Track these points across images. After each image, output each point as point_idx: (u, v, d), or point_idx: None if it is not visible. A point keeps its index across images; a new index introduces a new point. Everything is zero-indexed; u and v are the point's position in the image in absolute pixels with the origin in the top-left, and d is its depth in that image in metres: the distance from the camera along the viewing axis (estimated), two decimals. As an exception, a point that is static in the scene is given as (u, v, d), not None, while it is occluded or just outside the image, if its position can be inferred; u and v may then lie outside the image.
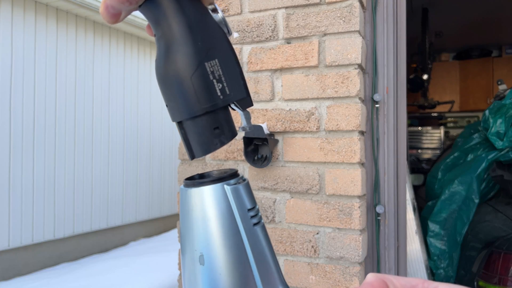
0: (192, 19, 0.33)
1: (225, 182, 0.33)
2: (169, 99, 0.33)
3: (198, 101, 0.32)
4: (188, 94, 0.32)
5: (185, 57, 0.32)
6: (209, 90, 0.32)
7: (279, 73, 1.26)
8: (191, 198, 0.33)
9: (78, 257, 3.55)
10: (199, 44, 0.32)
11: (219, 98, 0.33)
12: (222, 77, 0.33)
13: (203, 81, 0.32)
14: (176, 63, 0.32)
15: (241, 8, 1.31)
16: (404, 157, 1.29)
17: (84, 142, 3.72)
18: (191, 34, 0.32)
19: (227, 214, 0.32)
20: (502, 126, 2.00)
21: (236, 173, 0.35)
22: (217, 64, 0.33)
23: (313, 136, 1.22)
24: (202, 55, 0.32)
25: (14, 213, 3.07)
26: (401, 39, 1.29)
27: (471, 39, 4.74)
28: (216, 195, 0.33)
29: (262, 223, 0.35)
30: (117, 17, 0.32)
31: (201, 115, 0.33)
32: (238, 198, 0.33)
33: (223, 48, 0.34)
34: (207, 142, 0.34)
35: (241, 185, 0.34)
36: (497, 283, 1.71)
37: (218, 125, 0.34)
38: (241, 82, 0.35)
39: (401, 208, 1.29)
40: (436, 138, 3.61)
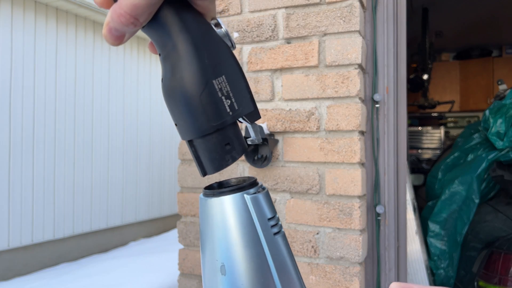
0: (197, 37, 0.32)
1: (245, 191, 0.33)
2: (178, 118, 0.33)
3: (207, 119, 0.32)
4: (197, 113, 0.32)
5: (192, 76, 0.32)
6: (218, 107, 0.32)
7: (279, 73, 1.26)
8: (210, 208, 0.33)
9: (78, 257, 3.55)
10: (205, 62, 0.32)
11: (229, 114, 0.33)
12: (230, 93, 0.33)
13: (212, 99, 0.32)
14: (183, 82, 0.32)
15: (241, 8, 1.31)
16: (404, 157, 1.29)
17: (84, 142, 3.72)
18: (197, 52, 0.32)
19: (247, 224, 0.32)
20: (502, 126, 2.00)
21: (255, 181, 0.35)
22: (225, 81, 0.33)
23: (313, 136, 1.21)
24: (210, 73, 0.32)
25: (14, 213, 3.06)
26: (401, 39, 1.29)
27: (471, 39, 4.73)
28: (236, 205, 0.33)
29: (283, 232, 0.35)
30: (121, 39, 0.32)
31: (211, 133, 0.33)
32: (258, 208, 0.33)
33: (229, 63, 0.34)
34: (219, 159, 0.34)
35: (261, 194, 0.34)
36: (497, 283, 1.71)
37: (228, 141, 0.34)
38: (248, 96, 0.35)
39: (401, 208, 1.29)
40: (436, 138, 3.61)
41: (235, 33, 1.31)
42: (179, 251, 1.40)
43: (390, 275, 1.29)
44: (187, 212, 1.38)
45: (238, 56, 1.30)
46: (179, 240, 1.39)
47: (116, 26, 0.30)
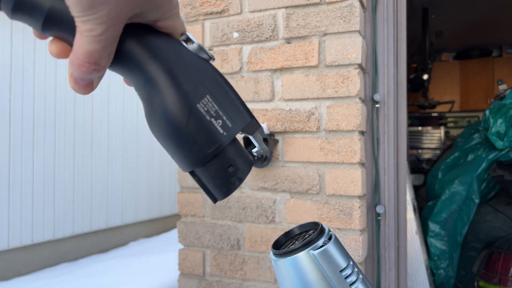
0: (168, 62, 0.30)
1: (311, 246, 0.31)
2: (172, 153, 0.31)
3: (201, 148, 0.30)
4: (189, 144, 0.30)
5: (173, 107, 0.29)
6: (210, 132, 0.30)
7: (279, 73, 1.26)
8: (280, 268, 0.32)
9: (77, 257, 3.55)
10: (184, 87, 0.30)
11: (223, 135, 0.31)
12: (219, 111, 0.31)
13: (200, 125, 0.30)
14: (165, 116, 0.29)
15: (241, 8, 1.30)
16: (405, 157, 1.29)
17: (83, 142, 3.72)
18: (172, 79, 0.30)
19: (320, 281, 0.30)
20: (503, 126, 2.00)
21: (321, 229, 0.32)
22: (210, 100, 0.30)
23: (313, 136, 1.21)
24: (191, 98, 0.30)
25: (14, 213, 3.06)
26: (401, 39, 1.29)
27: (471, 39, 4.73)
28: (303, 264, 0.30)
29: (361, 278, 0.32)
30: (90, 86, 0.30)
31: (209, 160, 0.30)
32: (327, 261, 0.31)
33: (210, 79, 0.31)
34: (225, 184, 0.31)
35: (328, 245, 0.31)
36: (497, 283, 1.71)
37: (230, 163, 0.31)
38: (241, 107, 0.32)
39: (401, 208, 1.29)
40: (436, 138, 3.61)
41: (235, 33, 1.31)
42: (179, 251, 1.40)
43: (390, 275, 1.28)
44: (187, 212, 1.38)
45: (238, 56, 1.30)
46: (179, 240, 1.39)
47: (80, 76, 0.29)
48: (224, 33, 1.33)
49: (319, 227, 0.33)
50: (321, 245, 0.31)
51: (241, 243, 1.30)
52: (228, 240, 1.32)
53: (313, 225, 0.34)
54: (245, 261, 1.29)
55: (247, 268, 1.29)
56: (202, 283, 1.36)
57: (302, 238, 0.34)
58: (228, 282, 1.31)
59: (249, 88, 1.29)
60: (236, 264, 1.31)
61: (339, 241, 0.33)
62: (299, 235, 0.35)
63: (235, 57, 1.31)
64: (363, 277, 0.32)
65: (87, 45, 0.27)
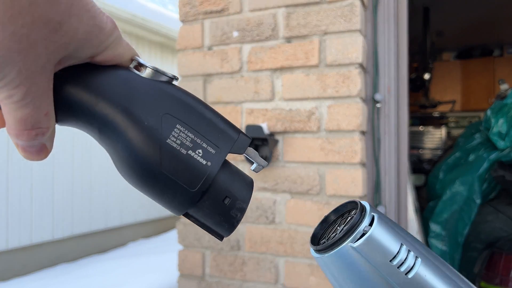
0: (121, 98, 0.26)
1: (349, 239, 0.26)
2: (156, 200, 0.27)
3: (187, 188, 0.26)
4: (172, 187, 0.26)
5: (140, 150, 0.25)
6: (190, 167, 0.26)
7: (279, 73, 1.25)
8: (321, 265, 0.28)
9: (76, 258, 3.54)
10: (146, 124, 0.25)
11: (207, 167, 0.26)
12: (196, 140, 0.26)
13: (177, 163, 0.26)
14: (135, 162, 0.25)
15: (241, 7, 1.29)
16: (405, 157, 1.28)
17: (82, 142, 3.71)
18: (131, 118, 0.25)
19: (370, 275, 0.26)
20: (504, 126, 1.99)
21: (361, 212, 0.27)
22: (182, 129, 0.26)
23: (314, 136, 1.20)
24: (159, 133, 0.25)
25: (13, 213, 3.06)
26: (402, 38, 1.28)
27: (472, 38, 4.72)
28: (345, 260, 0.26)
29: (421, 259, 0.26)
30: (44, 150, 0.26)
31: (199, 198, 0.26)
32: (372, 251, 0.26)
33: (176, 105, 0.27)
34: (226, 219, 0.28)
35: (370, 232, 0.26)
36: (498, 284, 1.70)
37: (225, 194, 0.27)
38: (222, 126, 0.28)
39: (402, 208, 1.28)
40: (437, 138, 3.60)
41: (234, 32, 1.30)
42: (178, 252, 1.39)
43: (391, 277, 1.27)
44: (186, 212, 1.37)
45: (238, 56, 1.29)
46: (179, 240, 1.38)
47: (27, 144, 0.25)
48: (224, 32, 1.31)
49: (358, 209, 0.27)
50: (361, 233, 0.26)
51: (241, 244, 1.29)
52: (228, 241, 1.31)
53: (352, 205, 0.29)
54: (245, 262, 1.28)
55: (247, 269, 1.28)
56: (202, 284, 1.35)
57: (341, 223, 0.29)
58: (228, 283, 1.30)
59: (249, 88, 1.28)
60: (236, 265, 1.30)
61: (387, 219, 0.27)
62: (338, 220, 0.30)
63: (235, 57, 1.30)
64: (425, 256, 0.27)
65: (15, 113, 0.23)
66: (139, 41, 4.52)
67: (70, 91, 0.25)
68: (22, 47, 0.21)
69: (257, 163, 0.29)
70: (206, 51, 1.34)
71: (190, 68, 1.36)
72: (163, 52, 4.85)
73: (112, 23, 0.26)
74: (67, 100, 0.26)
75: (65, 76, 0.25)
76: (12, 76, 0.22)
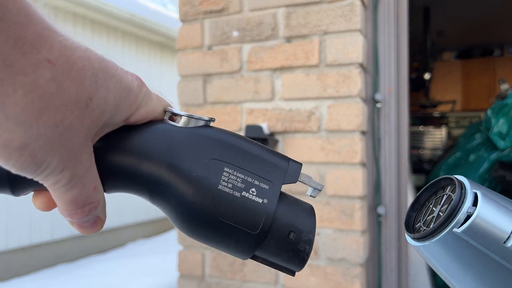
0: (163, 155, 0.25)
1: (452, 224, 0.23)
2: (222, 248, 0.27)
3: (248, 232, 0.25)
4: (233, 234, 0.25)
5: (194, 203, 0.25)
6: (248, 209, 0.25)
7: (280, 72, 1.24)
8: (422, 253, 0.25)
9: (76, 258, 3.54)
10: (194, 175, 0.25)
11: (265, 205, 0.25)
12: (247, 179, 0.25)
13: (233, 207, 0.25)
14: (192, 217, 0.25)
15: (241, 7, 1.29)
16: (406, 157, 1.27)
17: (83, 142, 3.71)
18: (178, 172, 0.25)
19: (481, 260, 0.23)
20: (504, 126, 1.98)
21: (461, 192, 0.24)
22: (230, 172, 0.25)
23: (314, 136, 1.20)
24: (208, 182, 0.25)
25: (12, 214, 3.05)
26: (402, 38, 1.28)
27: (472, 38, 4.72)
28: (450, 247, 0.23)
29: None
30: (99, 222, 0.27)
31: (264, 239, 0.25)
32: (481, 236, 0.22)
33: (219, 148, 0.26)
34: (295, 255, 0.26)
35: (476, 214, 0.23)
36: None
37: (289, 229, 0.26)
38: (270, 158, 0.27)
39: (403, 208, 1.28)
40: (437, 138, 3.59)
41: (234, 32, 1.29)
42: (178, 252, 1.38)
43: (392, 277, 1.27)
44: (186, 213, 1.37)
45: (238, 55, 1.29)
46: (179, 241, 1.38)
47: (82, 220, 0.25)
48: (224, 32, 1.31)
49: (456, 186, 0.24)
50: (465, 216, 0.23)
51: (240, 245, 1.29)
52: (227, 241, 1.31)
53: (447, 182, 0.25)
54: (245, 263, 1.28)
55: (247, 270, 1.27)
56: (202, 284, 1.34)
57: (436, 202, 0.26)
58: (227, 284, 1.30)
59: (249, 88, 1.27)
60: (235, 266, 1.29)
61: (492, 193, 0.24)
62: (431, 198, 0.27)
63: (235, 56, 1.29)
64: None
65: (64, 196, 0.24)
66: (139, 41, 4.52)
67: (111, 159, 0.25)
68: (59, 133, 0.21)
69: (312, 187, 0.28)
70: (206, 50, 1.34)
71: (190, 68, 1.36)
72: (162, 52, 4.85)
73: (138, 81, 0.26)
74: (111, 169, 0.25)
75: (104, 145, 0.25)
76: (55, 163, 0.22)
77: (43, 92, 0.20)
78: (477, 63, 4.94)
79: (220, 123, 1.31)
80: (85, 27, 3.92)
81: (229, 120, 1.30)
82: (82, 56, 0.22)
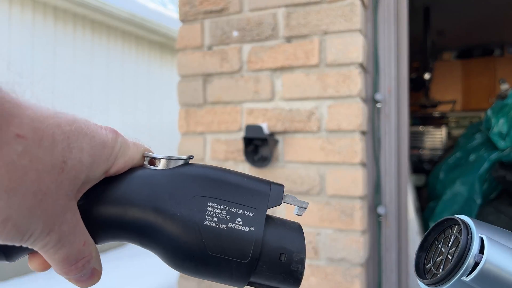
0: (147, 199, 0.26)
1: (461, 272, 0.23)
2: (216, 280, 0.27)
3: (240, 262, 0.25)
4: (224, 265, 0.26)
5: (182, 241, 0.25)
6: (235, 240, 0.25)
7: (280, 72, 1.24)
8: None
9: (77, 257, 3.54)
10: (179, 215, 0.25)
11: (252, 232, 0.26)
12: (231, 210, 0.26)
13: (220, 240, 0.25)
14: (182, 254, 0.25)
15: (241, 7, 1.29)
16: (406, 157, 1.27)
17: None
18: (163, 215, 0.25)
19: None
20: (505, 126, 1.98)
21: (467, 239, 0.24)
22: (214, 205, 0.26)
23: (314, 136, 1.20)
24: (193, 219, 0.25)
25: (13, 213, 3.06)
26: (402, 38, 1.28)
27: (473, 38, 4.72)
28: None
29: None
30: (96, 274, 0.27)
31: (256, 266, 0.26)
32: (490, 284, 0.22)
33: (200, 184, 0.26)
34: (289, 275, 0.27)
35: (482, 264, 0.22)
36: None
37: (279, 251, 0.26)
38: (251, 186, 0.27)
39: (403, 209, 1.28)
40: (438, 138, 3.59)
41: (234, 32, 1.29)
42: (178, 252, 1.39)
43: (392, 277, 1.27)
44: (186, 213, 1.37)
45: (238, 55, 1.29)
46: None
47: (78, 275, 0.26)
48: (224, 32, 1.31)
49: (461, 228, 0.24)
50: (473, 264, 0.23)
51: (240, 245, 1.29)
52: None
53: (453, 222, 0.25)
54: (245, 263, 1.28)
55: (247, 270, 1.27)
56: (202, 285, 1.34)
57: (444, 242, 0.26)
58: (227, 284, 1.30)
59: (249, 88, 1.27)
60: (235, 266, 1.29)
61: (500, 234, 0.24)
62: (440, 237, 0.27)
63: (235, 56, 1.29)
64: None
65: (55, 256, 0.24)
66: (139, 41, 4.52)
67: (97, 213, 0.26)
68: (38, 200, 0.22)
69: (298, 206, 0.28)
70: (206, 50, 1.34)
71: (190, 68, 1.36)
72: (162, 52, 4.84)
73: (112, 133, 0.27)
74: (98, 222, 0.26)
75: (88, 201, 0.26)
76: (40, 228, 0.23)
77: (17, 165, 0.21)
78: (477, 63, 4.94)
79: (220, 123, 1.31)
80: (85, 27, 3.91)
81: (229, 120, 1.30)
82: (51, 124, 0.23)
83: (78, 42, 3.82)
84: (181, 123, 1.38)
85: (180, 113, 1.38)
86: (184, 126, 1.37)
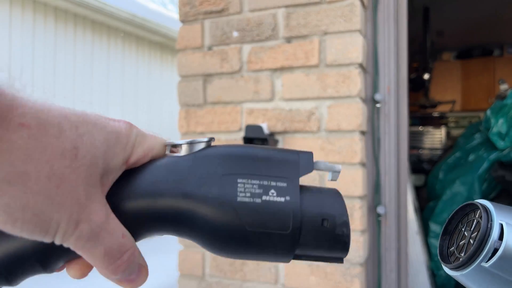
0: (175, 187, 0.25)
1: (481, 258, 0.23)
2: (262, 258, 0.26)
3: (281, 234, 0.25)
4: (267, 240, 0.25)
5: (219, 222, 0.24)
6: (272, 212, 0.25)
7: (280, 73, 1.25)
8: (459, 280, 0.26)
9: (77, 257, 3.54)
10: (210, 196, 0.25)
11: (288, 202, 0.25)
12: (263, 183, 0.25)
13: (257, 215, 0.24)
14: (221, 237, 0.25)
15: (241, 7, 1.29)
16: (405, 157, 1.28)
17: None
18: (193, 199, 0.25)
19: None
20: (504, 126, 1.99)
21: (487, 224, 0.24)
22: (244, 181, 0.25)
23: (314, 136, 1.20)
24: (226, 199, 0.25)
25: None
26: (402, 38, 1.28)
27: (472, 38, 4.72)
28: (481, 277, 0.24)
29: None
30: (142, 270, 0.26)
31: (298, 236, 0.25)
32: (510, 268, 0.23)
33: (226, 161, 0.26)
34: (335, 242, 0.26)
35: (501, 250, 0.23)
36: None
37: (321, 218, 0.25)
38: (279, 156, 0.26)
39: (402, 208, 1.28)
40: (437, 138, 3.60)
41: (234, 32, 1.30)
42: (178, 252, 1.39)
43: (391, 276, 1.27)
44: (186, 212, 1.37)
45: (238, 55, 1.29)
46: (179, 240, 1.38)
47: (126, 273, 0.25)
48: (224, 32, 1.31)
49: (482, 213, 0.24)
50: (492, 250, 0.23)
51: (240, 244, 1.29)
52: (227, 241, 1.31)
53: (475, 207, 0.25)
54: (245, 262, 1.28)
55: (247, 269, 1.28)
56: (202, 284, 1.34)
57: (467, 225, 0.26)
58: (228, 283, 1.30)
59: (249, 88, 1.28)
60: (236, 265, 1.29)
61: None
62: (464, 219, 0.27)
63: (235, 57, 1.30)
64: None
65: (96, 251, 0.23)
66: (139, 41, 4.52)
67: (126, 208, 0.25)
68: (55, 186, 0.21)
69: (331, 171, 0.28)
70: (206, 51, 1.34)
71: (190, 68, 1.36)
72: (163, 52, 4.84)
73: (126, 124, 0.26)
74: (129, 217, 0.25)
75: (114, 197, 0.25)
76: (66, 218, 0.22)
77: (24, 149, 0.20)
78: (476, 63, 4.94)
79: (220, 123, 1.32)
80: (86, 27, 3.92)
81: (229, 120, 1.30)
82: (56, 115, 0.22)
83: (78, 42, 3.82)
84: (181, 123, 1.38)
85: (180, 113, 1.38)
86: (184, 126, 1.37)
